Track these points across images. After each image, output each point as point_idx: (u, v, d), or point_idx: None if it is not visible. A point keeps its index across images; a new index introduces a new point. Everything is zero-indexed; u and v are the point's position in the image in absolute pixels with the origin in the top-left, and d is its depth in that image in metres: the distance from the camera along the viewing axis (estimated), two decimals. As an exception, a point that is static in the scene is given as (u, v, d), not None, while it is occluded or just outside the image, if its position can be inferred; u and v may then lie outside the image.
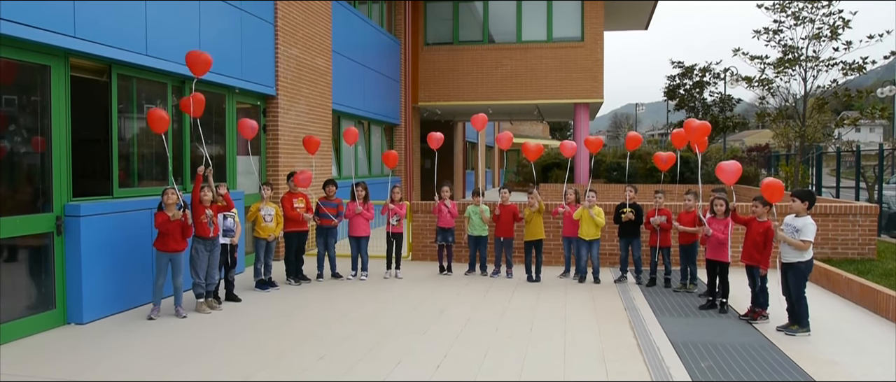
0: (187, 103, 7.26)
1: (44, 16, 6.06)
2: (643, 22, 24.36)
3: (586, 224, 9.00)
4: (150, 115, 6.95)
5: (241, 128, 8.77)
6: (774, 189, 6.56)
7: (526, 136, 47.17)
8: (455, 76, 18.86)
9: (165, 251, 6.90)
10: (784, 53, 18.24)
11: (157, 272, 6.94)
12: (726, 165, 7.39)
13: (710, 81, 27.96)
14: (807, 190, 7.48)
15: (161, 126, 6.98)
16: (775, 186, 6.56)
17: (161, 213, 6.84)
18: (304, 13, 11.65)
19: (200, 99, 7.24)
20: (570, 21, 18.65)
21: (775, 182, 6.63)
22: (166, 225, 6.82)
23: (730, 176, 7.34)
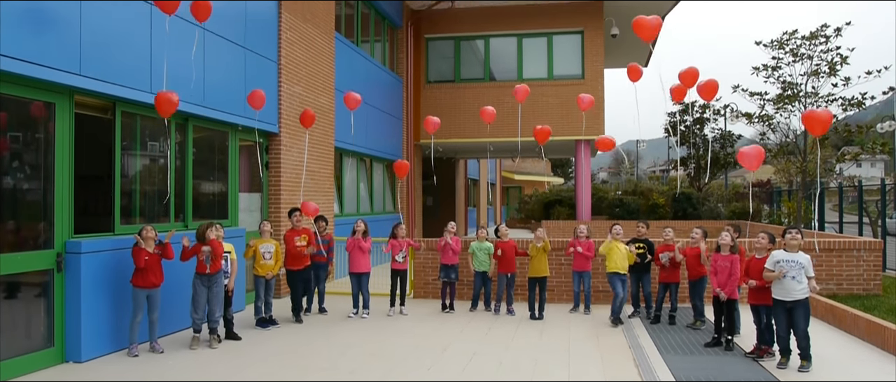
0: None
1: (50, 54, 6.13)
2: (643, 59, 24.57)
3: (618, 255, 8.83)
4: (158, 99, 6.88)
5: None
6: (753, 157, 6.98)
7: (527, 173, 47.25)
8: (457, 113, 18.96)
9: (144, 286, 6.86)
10: (783, 90, 18.34)
11: (135, 308, 6.90)
12: (747, 150, 7.38)
13: (711, 118, 28.10)
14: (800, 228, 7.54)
15: (168, 109, 6.88)
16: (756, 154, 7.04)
17: (136, 248, 6.82)
18: (307, 52, 11.77)
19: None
20: (571, 59, 18.82)
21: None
22: (146, 261, 6.79)
23: (752, 160, 7.31)
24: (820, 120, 7.12)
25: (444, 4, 18.36)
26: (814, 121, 7.16)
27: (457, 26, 19.29)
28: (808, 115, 7.26)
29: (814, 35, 17.62)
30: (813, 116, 7.19)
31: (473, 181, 33.71)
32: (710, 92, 8.56)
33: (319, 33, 12.34)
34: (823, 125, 7.09)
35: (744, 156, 7.38)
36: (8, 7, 5.65)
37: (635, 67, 9.36)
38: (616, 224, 9.26)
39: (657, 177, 56.10)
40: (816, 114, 7.19)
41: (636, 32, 8.39)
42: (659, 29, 8.31)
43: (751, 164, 7.26)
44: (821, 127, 7.10)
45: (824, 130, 7.19)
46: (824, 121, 7.13)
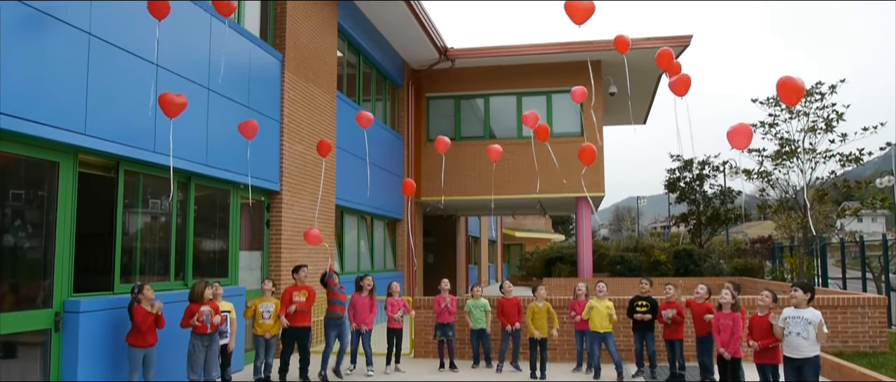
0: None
1: (56, 114, 6.21)
2: (642, 117, 24.86)
3: (597, 315, 8.82)
4: (162, 99, 6.95)
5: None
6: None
7: (528, 231, 47.21)
8: (457, 171, 19.06)
9: (140, 346, 6.76)
10: (781, 146, 18.48)
11: (131, 369, 6.78)
12: (736, 128, 7.07)
13: (710, 174, 28.22)
14: (809, 282, 7.38)
15: (174, 111, 6.94)
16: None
17: (138, 307, 6.72)
18: (308, 111, 11.93)
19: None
20: (570, 116, 19.04)
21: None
22: (145, 320, 6.70)
23: (741, 139, 7.02)
24: (795, 88, 6.66)
25: (444, 64, 18.67)
26: (788, 90, 6.69)
27: (457, 85, 19.57)
28: (781, 83, 6.71)
29: (809, 92, 17.85)
30: (787, 83, 6.67)
31: (474, 238, 33.66)
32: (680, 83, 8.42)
33: (321, 92, 12.53)
34: (798, 93, 6.66)
35: (732, 135, 7.03)
36: (15, 66, 5.75)
37: (622, 39, 9.08)
38: (600, 281, 9.20)
39: (658, 233, 56.00)
40: (791, 82, 6.71)
41: (569, 15, 7.78)
42: (591, 13, 7.58)
43: (740, 143, 6.96)
44: (796, 95, 6.70)
45: (799, 98, 6.77)
46: (799, 89, 6.69)
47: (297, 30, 11.50)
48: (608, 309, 8.83)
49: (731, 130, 7.14)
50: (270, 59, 10.73)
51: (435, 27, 16.81)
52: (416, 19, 15.55)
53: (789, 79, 6.65)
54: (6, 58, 5.62)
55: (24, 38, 5.85)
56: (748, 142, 7.08)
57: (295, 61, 11.42)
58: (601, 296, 8.92)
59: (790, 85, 6.63)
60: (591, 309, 8.86)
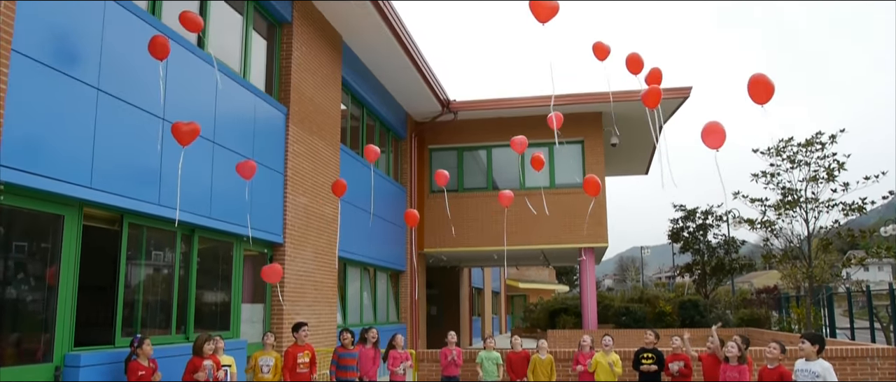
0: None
1: (63, 167, 6.27)
2: (643, 167, 24.97)
3: (602, 372, 8.70)
4: (174, 128, 7.08)
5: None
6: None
7: (532, 281, 46.91)
8: (460, 222, 19.07)
9: None
10: (783, 196, 18.50)
11: None
12: (709, 126, 6.76)
13: (713, 224, 28.16)
14: (817, 333, 7.29)
15: (187, 138, 7.07)
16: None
17: (133, 363, 6.62)
18: (312, 162, 12.01)
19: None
20: (572, 167, 19.12)
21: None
22: (141, 376, 6.61)
23: (715, 138, 6.73)
24: (766, 86, 6.33)
25: (446, 116, 18.87)
26: (759, 88, 6.37)
27: (460, 137, 19.74)
28: (753, 81, 6.40)
29: (809, 142, 17.96)
30: (759, 81, 6.37)
31: (478, 290, 33.45)
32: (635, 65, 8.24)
33: (325, 145, 12.64)
34: (769, 92, 6.29)
35: (706, 134, 6.76)
36: (23, 120, 5.83)
37: (600, 46, 8.62)
38: (606, 334, 9.11)
39: (663, 283, 55.55)
40: (762, 80, 6.39)
41: (533, 14, 7.51)
42: (555, 12, 7.30)
43: (714, 142, 6.69)
44: (766, 94, 6.33)
45: (769, 97, 6.31)
46: (769, 88, 6.33)
47: (301, 84, 11.67)
48: (614, 364, 8.71)
49: (704, 129, 6.89)
50: (275, 113, 10.86)
51: (437, 80, 17.05)
52: (419, 73, 15.78)
53: (761, 76, 6.43)
54: (14, 111, 5.70)
55: (33, 93, 5.94)
56: (722, 141, 6.78)
57: (299, 114, 11.56)
58: (607, 350, 8.82)
59: (762, 83, 6.39)
60: (597, 363, 8.75)
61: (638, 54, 8.41)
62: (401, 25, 13.69)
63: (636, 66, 8.36)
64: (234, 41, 10.12)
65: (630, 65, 8.38)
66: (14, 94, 5.69)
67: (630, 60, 8.38)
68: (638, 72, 8.38)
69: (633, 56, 8.39)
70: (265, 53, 11.11)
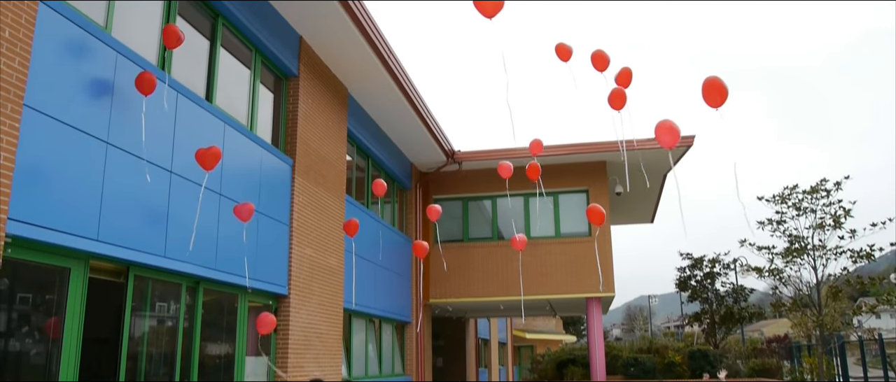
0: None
1: (70, 220, 6.31)
2: (649, 216, 24.94)
3: None
4: (198, 155, 7.47)
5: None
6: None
7: (539, 332, 46.41)
8: (466, 273, 19.00)
9: None
10: (790, 243, 18.43)
11: None
12: (662, 124, 6.56)
13: (721, 272, 27.99)
14: None
15: (211, 162, 7.46)
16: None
17: None
18: (318, 214, 12.05)
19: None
20: (577, 216, 19.12)
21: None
22: None
23: (669, 137, 6.54)
24: (719, 89, 6.14)
25: (451, 166, 18.98)
26: (713, 91, 6.18)
27: (464, 187, 19.81)
28: (707, 84, 6.19)
29: (814, 189, 17.97)
30: (713, 84, 6.18)
31: (484, 341, 33.09)
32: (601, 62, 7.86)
33: (330, 196, 12.70)
34: (723, 95, 6.11)
35: (658, 131, 6.59)
36: (32, 173, 5.90)
37: (563, 47, 8.22)
38: None
39: (672, 333, 54.87)
40: (716, 82, 6.18)
41: (478, 10, 7.23)
42: (500, 7, 7.04)
43: (667, 141, 6.52)
44: (720, 97, 6.15)
45: (723, 100, 6.13)
46: (723, 91, 6.14)
47: (307, 136, 11.80)
48: None
49: (658, 126, 6.73)
50: (281, 165, 10.96)
51: (442, 131, 17.21)
52: (423, 124, 15.95)
53: (715, 79, 6.27)
54: (24, 165, 5.77)
55: (44, 147, 6.03)
56: (676, 140, 6.62)
57: (305, 166, 11.65)
58: None
59: (715, 86, 6.23)
60: None
61: (603, 51, 8.04)
62: (406, 78, 13.90)
63: (602, 64, 7.98)
64: (242, 94, 10.28)
65: (595, 61, 8.01)
66: (25, 148, 5.77)
67: (595, 57, 8.01)
68: (603, 69, 7.99)
69: (598, 53, 8.03)
70: (272, 106, 11.27)
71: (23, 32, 5.68)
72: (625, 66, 7.88)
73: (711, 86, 6.23)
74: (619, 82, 7.86)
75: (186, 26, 8.84)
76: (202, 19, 9.25)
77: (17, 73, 5.61)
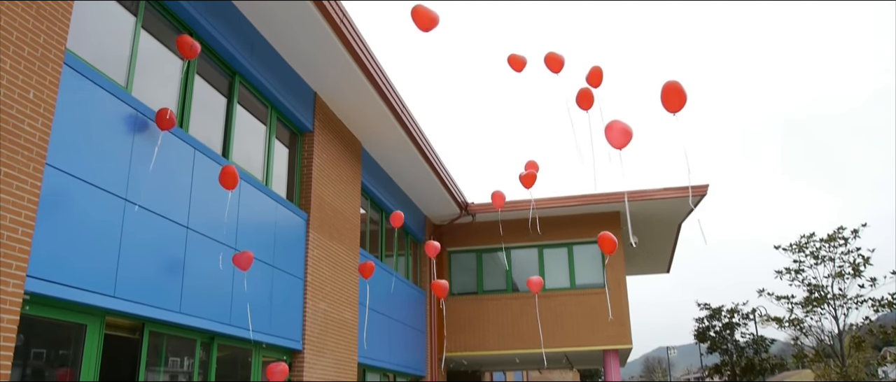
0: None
1: (87, 277, 6.36)
2: (664, 266, 24.72)
3: None
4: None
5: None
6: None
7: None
8: (481, 325, 18.83)
9: None
10: (810, 292, 18.18)
11: None
12: (612, 125, 6.31)
13: (740, 322, 27.55)
14: None
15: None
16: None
17: None
18: (332, 268, 12.06)
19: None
20: (592, 268, 18.99)
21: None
22: None
23: (618, 137, 6.28)
24: (679, 93, 5.99)
25: (465, 219, 18.99)
26: (672, 96, 6.04)
27: (478, 239, 19.78)
28: (666, 89, 6.03)
29: (832, 237, 17.81)
30: (672, 88, 6.02)
31: (500, 395, 32.54)
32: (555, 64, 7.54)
33: (345, 250, 12.72)
34: (681, 100, 5.96)
35: (608, 132, 6.38)
36: (51, 231, 5.97)
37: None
38: None
39: (692, 386, 53.61)
40: (675, 87, 5.99)
41: (415, 22, 7.14)
42: (436, 23, 6.86)
43: (617, 141, 6.33)
44: (679, 101, 6.01)
45: (682, 105, 5.98)
46: (682, 95, 5.96)
47: (322, 190, 11.90)
48: None
49: (607, 127, 6.55)
50: (296, 219, 11.03)
51: (455, 183, 17.29)
52: (437, 177, 16.04)
53: (674, 84, 6.14)
54: (44, 223, 5.86)
55: (63, 204, 6.12)
56: (627, 140, 6.40)
57: (319, 220, 11.72)
58: None
59: (674, 90, 6.12)
60: None
61: (556, 53, 7.79)
62: (419, 132, 14.05)
63: (556, 65, 7.70)
64: (258, 150, 10.42)
65: (549, 63, 7.77)
66: (45, 206, 5.87)
67: (548, 59, 7.77)
68: (558, 71, 7.73)
69: (551, 55, 7.77)
70: (287, 160, 11.40)
71: (47, 93, 5.84)
72: (596, 66, 7.57)
73: (671, 90, 6.12)
74: (590, 82, 7.56)
75: (204, 85, 9.04)
76: (220, 77, 9.45)
77: (40, 133, 5.75)
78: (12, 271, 5.36)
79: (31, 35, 5.72)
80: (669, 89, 6.12)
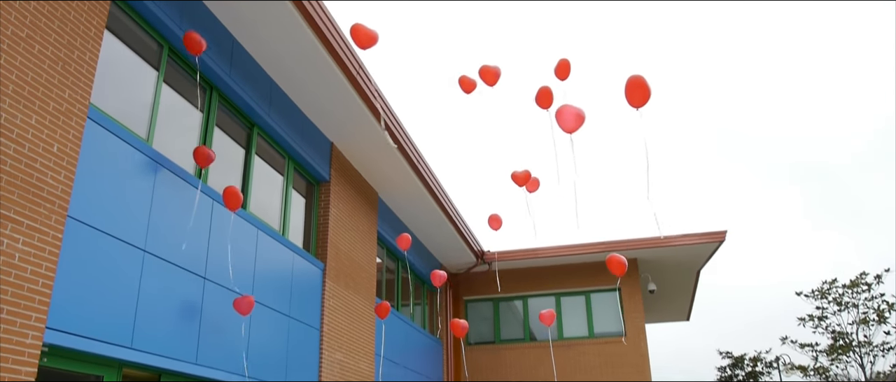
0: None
1: (106, 329, 6.36)
2: (684, 313, 24.36)
3: None
4: (227, 193, 7.79)
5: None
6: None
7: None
8: (498, 375, 18.55)
9: None
10: (834, 340, 17.81)
11: None
12: (563, 109, 6.10)
13: (763, 371, 26.95)
14: None
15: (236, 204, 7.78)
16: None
17: None
18: (349, 318, 12.00)
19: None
20: (611, 316, 18.76)
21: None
22: None
23: (570, 121, 6.08)
24: (642, 88, 5.85)
25: (481, 267, 18.91)
26: (635, 90, 5.91)
27: (495, 287, 19.64)
28: (630, 83, 5.88)
29: (854, 283, 17.53)
30: (635, 83, 5.86)
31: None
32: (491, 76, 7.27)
33: (361, 300, 12.67)
34: (645, 95, 5.80)
35: (560, 116, 6.20)
36: (72, 283, 6.00)
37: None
38: None
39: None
40: (639, 81, 5.83)
41: (354, 39, 7.01)
42: (375, 41, 6.72)
43: (569, 125, 6.13)
44: (643, 96, 5.85)
45: (646, 100, 5.82)
46: (646, 90, 5.78)
47: (338, 240, 11.92)
48: None
49: (558, 111, 6.36)
50: (313, 269, 11.03)
51: (471, 232, 17.27)
52: (453, 226, 16.04)
53: (638, 78, 6.01)
54: (65, 276, 5.90)
55: (83, 256, 6.17)
56: (579, 124, 6.23)
57: (336, 270, 11.71)
58: None
59: (638, 85, 6.00)
60: None
61: (489, 66, 7.63)
62: (435, 181, 14.11)
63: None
64: (275, 200, 10.50)
65: (483, 75, 7.64)
66: (66, 258, 5.92)
67: (482, 72, 7.64)
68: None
69: (484, 68, 7.62)
70: (303, 210, 11.46)
71: (70, 147, 5.95)
72: (563, 58, 7.31)
73: (634, 85, 6.01)
74: (558, 75, 7.31)
75: (223, 136, 9.17)
76: (238, 129, 9.59)
77: (63, 186, 5.83)
78: (31, 323, 5.38)
79: (57, 90, 5.86)
80: (633, 84, 6.01)
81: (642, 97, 5.95)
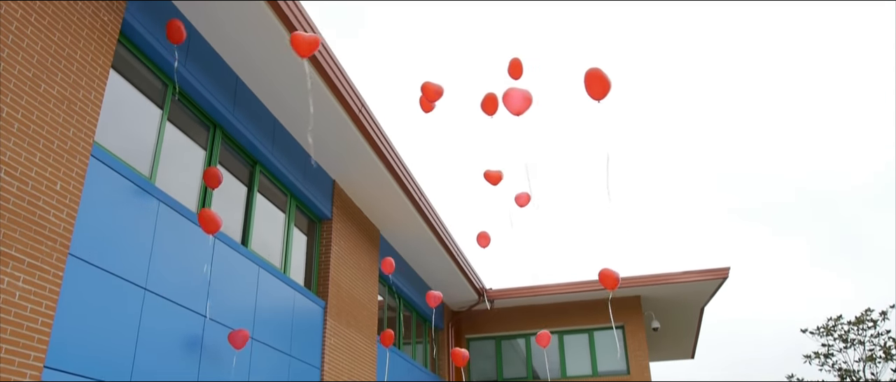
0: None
1: (105, 367, 6.29)
2: (688, 351, 24.11)
3: None
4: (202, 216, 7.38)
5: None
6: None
7: None
8: (501, 415, 18.29)
9: None
10: (841, 378, 17.59)
11: None
12: (510, 92, 6.01)
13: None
14: None
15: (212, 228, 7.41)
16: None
17: None
18: (349, 356, 11.88)
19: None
20: (614, 354, 18.57)
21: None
22: None
23: (517, 103, 5.99)
24: (602, 80, 5.80)
25: (483, 305, 18.78)
26: (595, 82, 5.88)
27: (497, 326, 19.50)
28: (589, 75, 5.88)
29: (860, 320, 17.38)
30: (594, 75, 5.84)
31: None
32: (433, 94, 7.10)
33: (362, 338, 12.56)
34: (605, 87, 5.77)
35: (507, 99, 6.12)
36: (72, 321, 5.96)
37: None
38: None
39: None
40: (598, 74, 5.76)
41: (294, 48, 6.70)
42: (316, 46, 6.60)
43: (516, 108, 6.07)
44: (602, 88, 5.80)
45: (606, 92, 5.78)
46: (606, 83, 5.77)
47: (339, 277, 11.87)
48: None
49: (505, 94, 6.31)
50: (314, 307, 10.96)
51: (473, 270, 17.19)
52: (455, 264, 15.98)
53: (596, 70, 5.99)
54: (64, 314, 5.86)
55: (84, 294, 6.13)
56: (526, 106, 6.18)
57: (337, 308, 11.64)
58: None
59: (597, 77, 5.98)
60: None
61: (431, 83, 7.44)
62: (437, 219, 14.10)
63: (432, 95, 7.32)
64: (277, 238, 10.48)
65: (425, 92, 7.41)
66: (66, 297, 5.89)
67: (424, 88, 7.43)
68: (434, 99, 7.36)
69: (426, 85, 7.42)
70: (305, 248, 11.44)
71: (73, 184, 5.96)
72: (515, 58, 7.22)
73: (593, 77, 6.00)
74: (511, 74, 7.24)
75: (225, 174, 9.19)
76: (241, 167, 9.63)
77: (65, 224, 5.83)
78: (30, 361, 5.34)
79: (62, 129, 5.90)
80: (592, 76, 6.01)
81: (602, 89, 5.97)
